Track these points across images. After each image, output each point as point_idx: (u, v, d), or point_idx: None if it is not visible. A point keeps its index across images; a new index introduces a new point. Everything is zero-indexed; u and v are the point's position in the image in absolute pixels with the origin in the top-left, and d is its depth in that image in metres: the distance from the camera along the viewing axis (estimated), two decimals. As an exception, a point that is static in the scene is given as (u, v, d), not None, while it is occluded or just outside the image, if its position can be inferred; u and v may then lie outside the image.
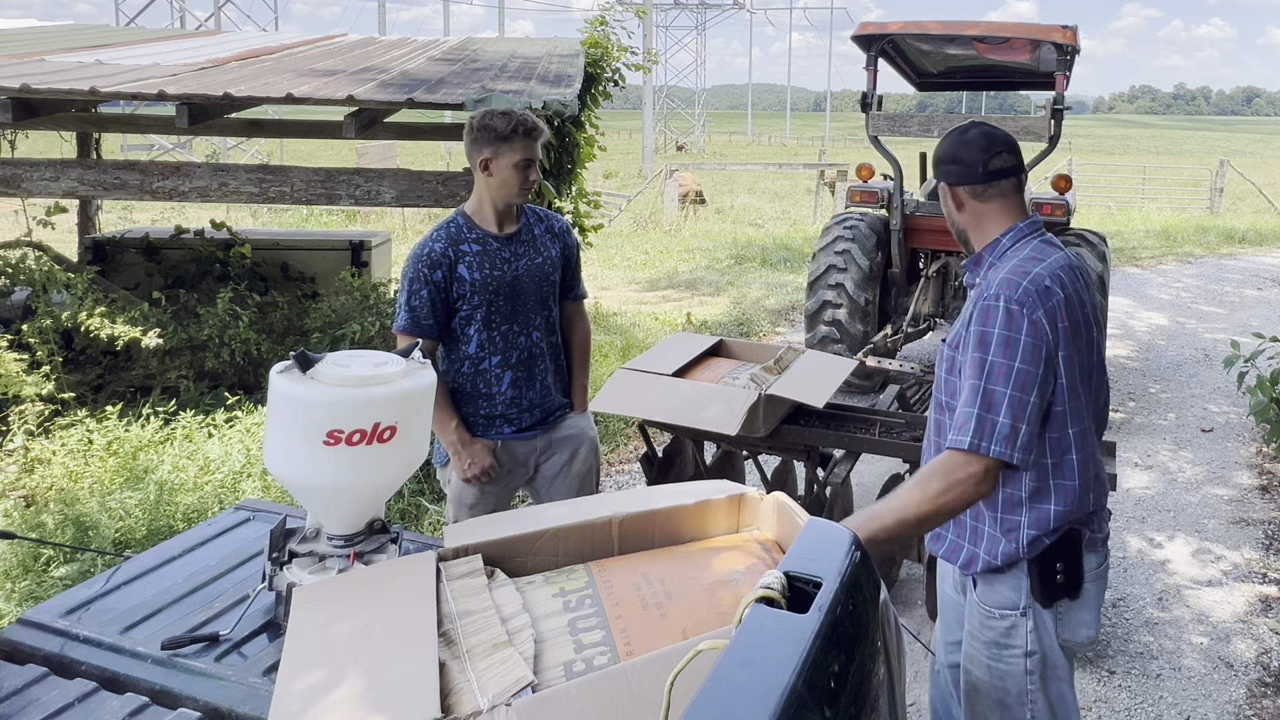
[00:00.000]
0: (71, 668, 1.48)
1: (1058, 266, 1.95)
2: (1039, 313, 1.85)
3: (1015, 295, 1.86)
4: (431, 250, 2.64)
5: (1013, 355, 1.83)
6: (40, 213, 6.38)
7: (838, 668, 0.99)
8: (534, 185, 2.66)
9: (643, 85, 31.04)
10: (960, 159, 2.03)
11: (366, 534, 1.65)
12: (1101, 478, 2.02)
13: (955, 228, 2.12)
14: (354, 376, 1.56)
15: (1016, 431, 1.81)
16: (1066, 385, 1.89)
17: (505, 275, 2.69)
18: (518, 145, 2.57)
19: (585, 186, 7.25)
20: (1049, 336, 1.85)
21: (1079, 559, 1.97)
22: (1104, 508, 2.03)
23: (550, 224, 2.86)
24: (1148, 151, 50.83)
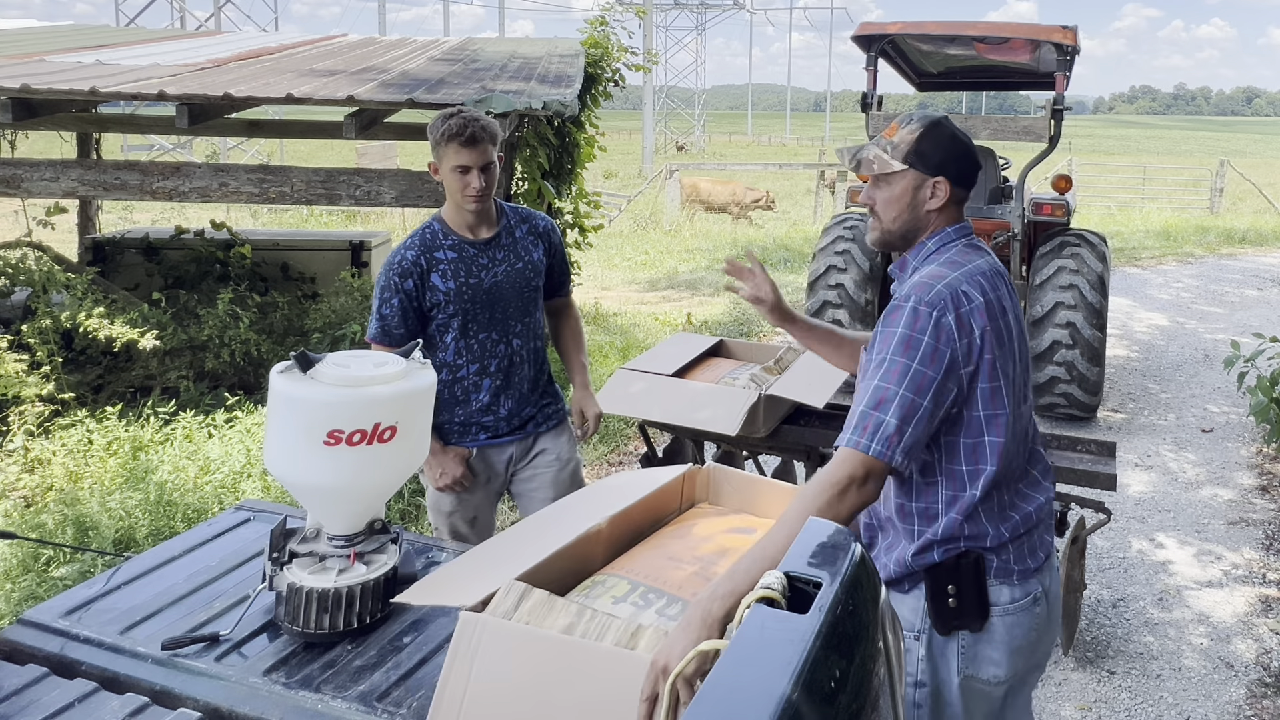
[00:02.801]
0: (72, 668, 1.48)
1: (978, 272, 1.83)
2: (948, 316, 1.73)
3: (926, 296, 1.75)
4: (403, 258, 2.54)
5: (911, 355, 1.71)
6: (40, 213, 6.38)
7: (838, 668, 0.99)
8: (480, 192, 2.48)
9: (643, 85, 31.05)
10: (970, 155, 1.91)
11: (367, 534, 1.65)
12: (1022, 505, 1.86)
13: (906, 221, 1.90)
14: (354, 377, 1.56)
15: (902, 433, 1.67)
16: (989, 390, 1.76)
17: (483, 283, 2.58)
18: (452, 150, 2.44)
19: (585, 186, 7.25)
20: (955, 341, 1.72)
21: (980, 585, 1.81)
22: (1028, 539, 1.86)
23: (533, 223, 2.73)
24: (1148, 152, 50.83)
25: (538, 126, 5.63)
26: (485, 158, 2.46)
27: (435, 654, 1.53)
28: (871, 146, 1.91)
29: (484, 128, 2.44)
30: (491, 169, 2.49)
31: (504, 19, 38.30)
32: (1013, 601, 1.84)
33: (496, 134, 2.49)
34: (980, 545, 1.82)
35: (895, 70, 6.84)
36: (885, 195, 1.90)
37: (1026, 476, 1.90)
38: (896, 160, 1.86)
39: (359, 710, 1.39)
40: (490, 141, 2.46)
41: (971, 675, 1.84)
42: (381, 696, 1.42)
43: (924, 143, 1.86)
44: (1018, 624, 1.85)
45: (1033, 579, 1.86)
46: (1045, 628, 1.91)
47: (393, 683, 1.45)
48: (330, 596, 1.53)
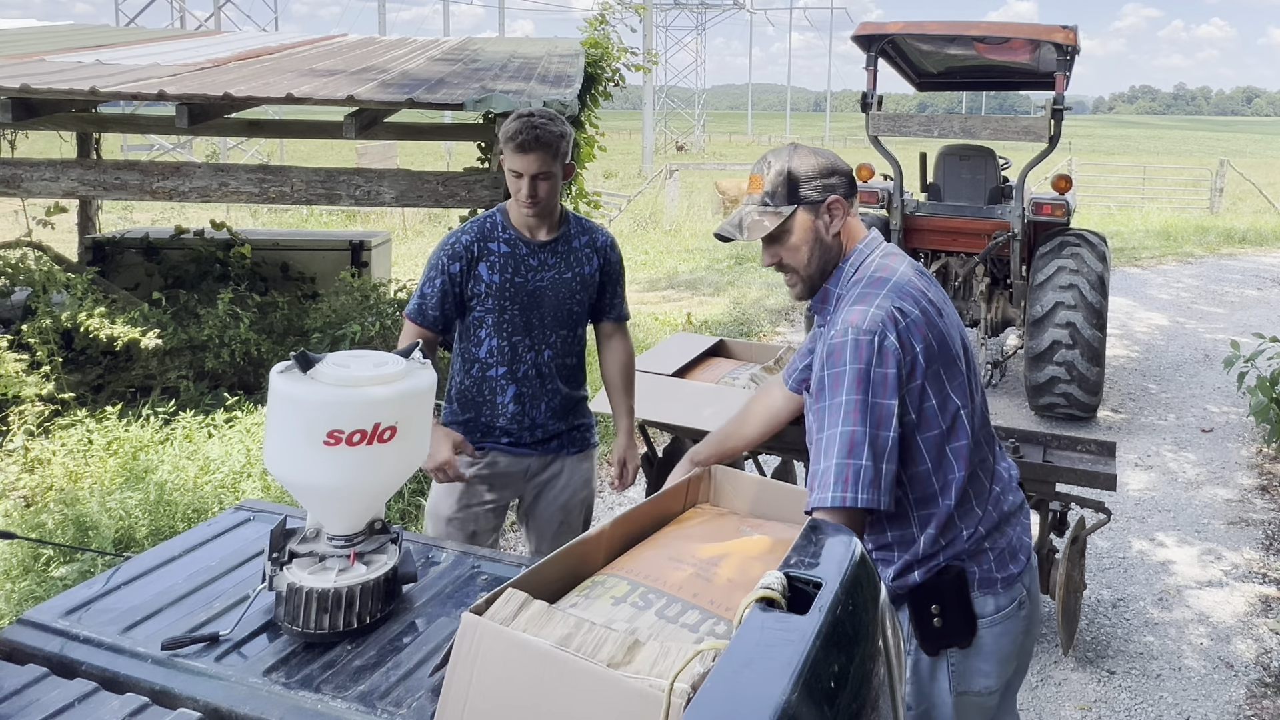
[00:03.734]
0: (71, 668, 1.48)
1: (904, 281, 1.77)
2: (890, 338, 1.67)
3: (864, 325, 1.68)
4: (457, 241, 2.49)
5: (865, 390, 1.65)
6: (40, 213, 6.38)
7: (838, 668, 0.99)
8: (539, 201, 2.41)
9: (643, 85, 31.05)
10: (839, 169, 1.82)
11: (367, 534, 1.65)
12: (998, 504, 1.83)
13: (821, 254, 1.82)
14: (354, 377, 1.56)
15: (879, 473, 1.62)
16: (939, 402, 1.72)
17: (526, 284, 2.50)
18: (508, 152, 2.37)
19: (585, 186, 7.25)
20: (901, 361, 1.67)
21: (964, 600, 1.76)
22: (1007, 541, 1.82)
23: (594, 237, 2.63)
24: (1148, 151, 50.82)
25: (538, 126, 5.62)
26: (541, 166, 2.36)
27: (435, 654, 1.53)
28: (747, 210, 1.81)
29: (539, 137, 2.32)
30: (549, 178, 2.38)
31: (504, 19, 38.31)
32: (998, 611, 1.81)
33: (557, 143, 2.36)
34: (959, 557, 1.78)
35: (895, 70, 6.85)
36: (788, 245, 1.81)
37: (995, 476, 1.86)
38: (781, 206, 1.79)
39: (359, 710, 1.38)
40: (548, 150, 2.34)
41: (965, 691, 1.81)
42: (382, 696, 1.42)
43: (797, 175, 1.79)
44: (1005, 632, 1.82)
45: (1016, 584, 1.83)
46: (1030, 628, 1.89)
47: (393, 683, 1.45)
48: (330, 596, 1.53)
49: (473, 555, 1.85)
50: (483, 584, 1.75)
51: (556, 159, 2.38)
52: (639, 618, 1.41)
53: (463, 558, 1.84)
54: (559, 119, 2.39)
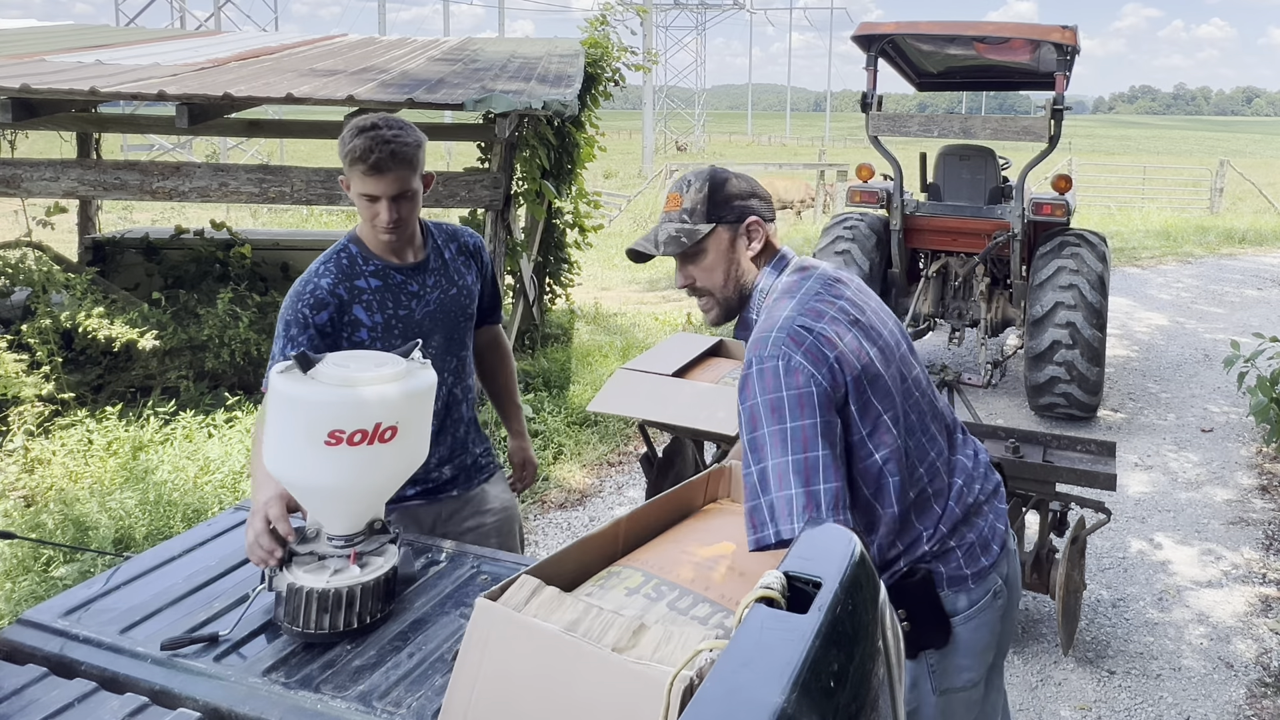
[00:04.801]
0: (71, 668, 1.48)
1: (811, 294, 1.71)
2: (796, 357, 1.60)
3: (765, 351, 1.62)
4: (316, 287, 2.08)
5: (779, 416, 1.58)
6: (40, 213, 6.38)
7: (837, 668, 0.99)
8: (392, 225, 2.04)
9: (643, 85, 31.06)
10: (759, 193, 1.78)
11: (367, 534, 1.65)
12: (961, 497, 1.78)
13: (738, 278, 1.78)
14: (355, 377, 1.56)
15: (812, 495, 1.54)
16: (861, 407, 1.65)
17: (413, 315, 2.16)
18: (357, 175, 2.01)
19: (585, 186, 7.26)
20: (815, 376, 1.59)
21: (933, 601, 1.73)
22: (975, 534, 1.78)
23: (462, 241, 2.31)
24: (1148, 152, 50.83)
25: (538, 126, 5.64)
26: (399, 186, 2.02)
27: (435, 654, 1.53)
28: (664, 226, 1.77)
29: (395, 153, 1.98)
30: (409, 197, 2.05)
31: (504, 19, 38.30)
32: (972, 605, 1.78)
33: (415, 156, 2.02)
34: (922, 559, 1.74)
35: (895, 70, 6.84)
36: (704, 265, 1.76)
37: (954, 468, 1.81)
38: (700, 223, 1.74)
39: (358, 710, 1.39)
40: (406, 167, 2.00)
41: (948, 689, 1.80)
42: (381, 696, 1.42)
43: (718, 194, 1.74)
44: (981, 624, 1.79)
45: (990, 575, 1.79)
46: (1008, 613, 1.87)
47: (392, 683, 1.45)
48: (330, 597, 1.53)
49: (472, 555, 1.85)
50: (482, 584, 1.75)
51: (416, 173, 2.05)
52: (651, 609, 1.42)
53: (463, 558, 1.84)
54: (408, 126, 2.06)
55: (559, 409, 5.76)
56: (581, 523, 4.61)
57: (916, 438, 1.74)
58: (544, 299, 7.50)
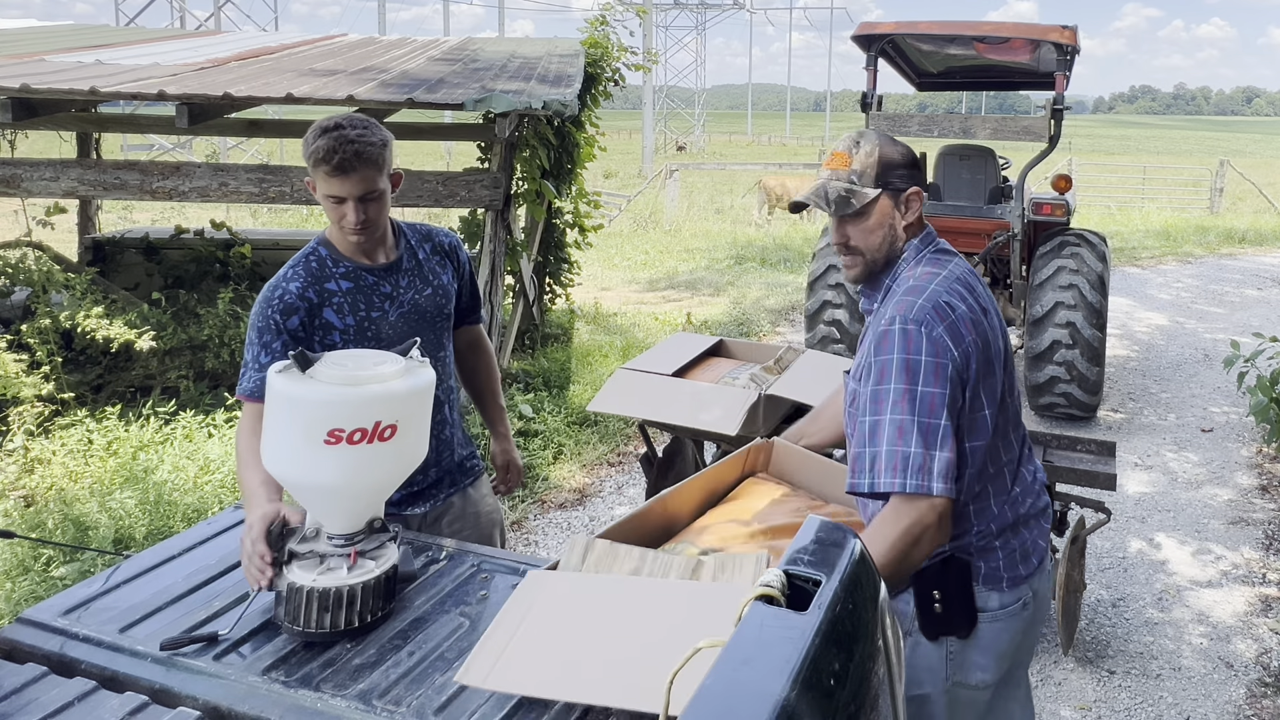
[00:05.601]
0: (71, 667, 1.48)
1: (953, 278, 1.80)
2: (939, 329, 1.69)
3: (911, 315, 1.70)
4: (285, 292, 2.05)
5: (912, 378, 1.66)
6: (40, 213, 6.38)
7: (837, 666, 0.99)
8: (360, 226, 2.01)
9: (643, 85, 31.06)
10: (915, 162, 1.86)
11: (366, 533, 1.65)
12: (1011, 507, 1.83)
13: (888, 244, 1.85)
14: (354, 375, 1.56)
15: (929, 459, 1.62)
16: (971, 396, 1.73)
17: (388, 315, 2.13)
18: (321, 176, 1.97)
19: (585, 186, 7.26)
20: (952, 352, 1.69)
21: (967, 591, 1.79)
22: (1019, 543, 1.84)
23: (437, 241, 2.28)
24: (1147, 151, 50.83)
25: (538, 126, 5.64)
26: (365, 187, 1.98)
27: (435, 652, 1.53)
28: (832, 184, 1.81)
29: (359, 153, 1.94)
30: (376, 198, 2.01)
31: (504, 19, 38.32)
32: (1001, 607, 1.82)
33: (381, 155, 1.99)
34: (965, 550, 1.80)
35: (895, 70, 6.84)
36: (864, 227, 1.81)
37: (1017, 477, 1.87)
38: (868, 187, 1.80)
39: (358, 709, 1.38)
40: (372, 167, 1.97)
41: (960, 682, 1.83)
42: (381, 695, 1.42)
43: (887, 160, 1.81)
44: (1005, 629, 1.83)
45: (1023, 585, 1.84)
46: (1031, 627, 1.91)
47: (392, 681, 1.45)
48: (330, 596, 1.53)
49: (473, 554, 1.85)
50: (482, 582, 1.75)
51: (382, 172, 2.01)
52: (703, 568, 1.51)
53: (463, 557, 1.84)
54: (373, 124, 2.02)
55: (559, 409, 5.76)
56: (581, 523, 4.61)
57: (1004, 439, 1.82)
58: (544, 299, 7.50)
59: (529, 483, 4.91)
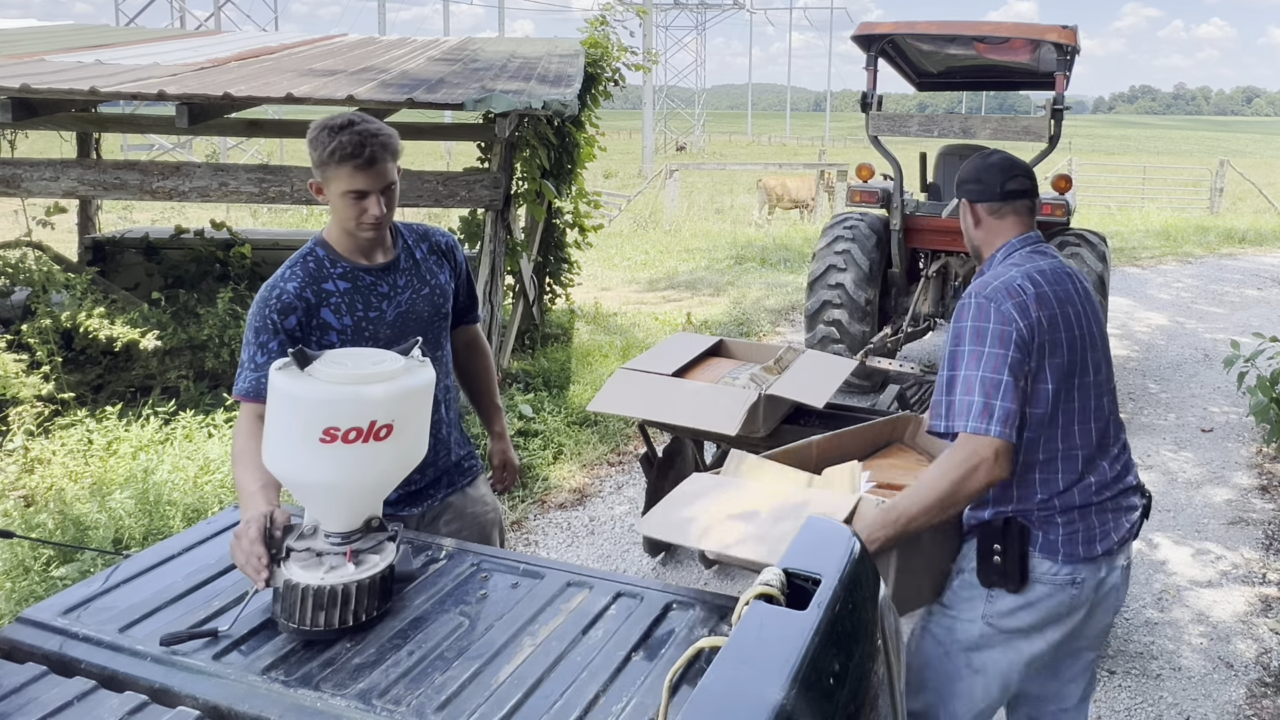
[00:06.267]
0: (70, 666, 1.48)
1: (1035, 270, 2.07)
2: (1007, 304, 1.98)
3: (984, 291, 2.02)
4: (283, 292, 2.07)
5: (980, 341, 1.96)
6: (40, 213, 6.38)
7: (837, 665, 0.99)
8: (379, 219, 2.05)
9: (643, 85, 31.06)
10: (982, 179, 2.22)
11: (364, 532, 1.65)
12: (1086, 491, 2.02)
13: (970, 242, 2.29)
14: (351, 374, 1.56)
15: (990, 407, 1.90)
16: (1035, 369, 1.98)
17: (385, 315, 2.14)
18: (345, 173, 1.98)
19: (585, 186, 7.26)
20: (1018, 323, 1.96)
21: (1023, 552, 2.01)
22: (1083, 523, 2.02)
23: (434, 241, 2.30)
24: (1147, 151, 50.84)
25: (538, 126, 5.64)
26: (386, 179, 2.02)
27: (435, 651, 1.53)
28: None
29: (384, 144, 1.99)
30: (392, 190, 2.06)
31: (504, 19, 38.33)
32: (1052, 575, 2.02)
33: (397, 148, 2.04)
34: (1028, 516, 2.02)
35: (895, 70, 6.84)
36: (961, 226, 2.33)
37: (1094, 468, 2.05)
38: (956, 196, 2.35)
39: (358, 708, 1.38)
40: (392, 158, 2.02)
41: (995, 624, 2.05)
42: (381, 694, 1.42)
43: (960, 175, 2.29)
44: (1051, 595, 2.02)
45: (1081, 565, 2.01)
46: (1084, 610, 2.07)
47: (392, 680, 1.45)
48: (325, 594, 1.53)
49: (472, 554, 1.85)
50: (482, 582, 1.75)
51: (395, 165, 2.06)
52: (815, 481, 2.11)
53: (463, 556, 1.84)
54: (377, 119, 2.06)
55: (559, 409, 5.76)
56: (581, 523, 4.61)
57: (1068, 419, 2.03)
58: (544, 299, 7.50)
59: (529, 483, 4.91)
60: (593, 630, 1.56)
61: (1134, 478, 2.15)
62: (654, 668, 1.43)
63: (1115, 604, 2.14)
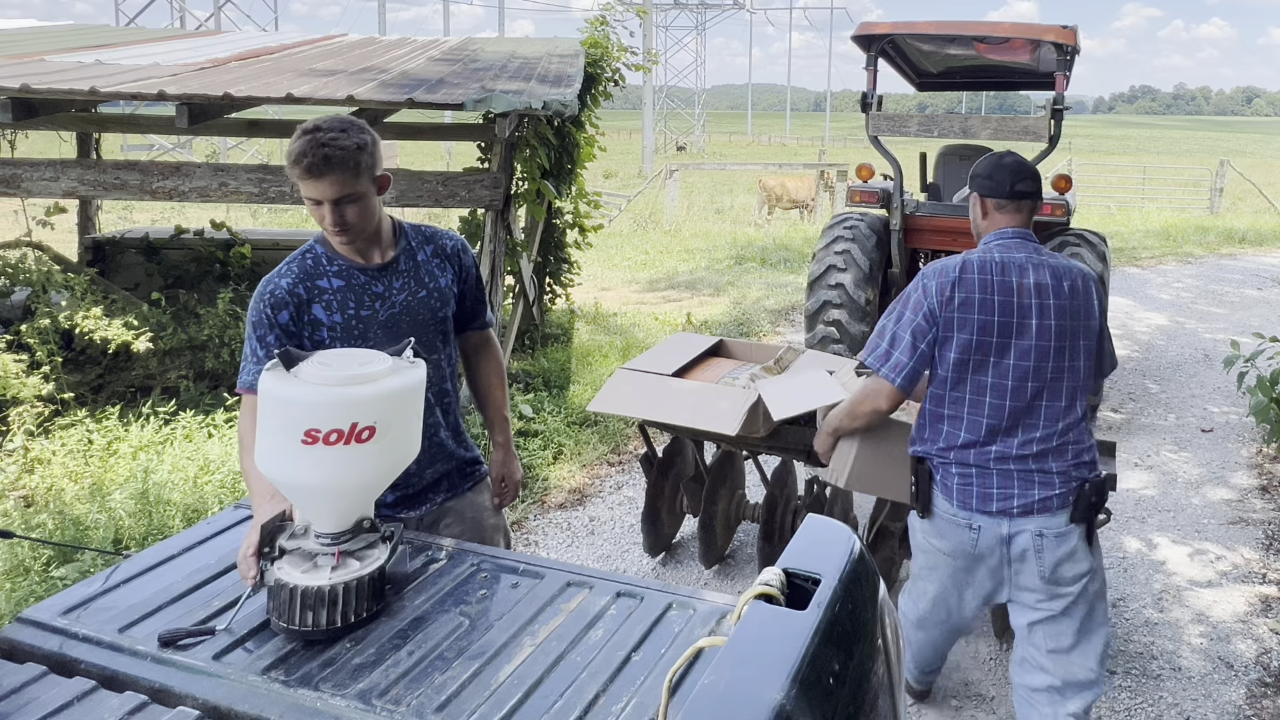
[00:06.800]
0: (70, 666, 1.48)
1: (986, 257, 2.43)
2: (932, 280, 2.42)
3: (928, 266, 2.46)
4: (276, 287, 2.08)
5: (904, 304, 2.47)
6: (40, 213, 6.38)
7: (836, 665, 0.99)
8: (350, 228, 2.03)
9: (643, 85, 31.06)
10: (994, 177, 2.52)
11: (355, 533, 1.64)
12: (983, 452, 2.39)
13: (975, 229, 2.60)
14: (333, 376, 1.56)
15: (889, 355, 2.45)
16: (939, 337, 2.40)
17: (377, 315, 2.13)
18: (302, 181, 1.97)
19: (585, 186, 7.26)
20: (932, 297, 2.40)
21: (927, 488, 2.49)
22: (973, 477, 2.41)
23: (439, 244, 2.26)
24: (1148, 151, 50.84)
25: (538, 126, 5.64)
26: (341, 189, 1.97)
27: (434, 651, 1.53)
28: None
29: (328, 157, 1.93)
30: (357, 200, 2.00)
31: (504, 19, 38.34)
32: (949, 515, 2.46)
33: (356, 158, 1.97)
34: (929, 457, 2.49)
35: (895, 70, 6.84)
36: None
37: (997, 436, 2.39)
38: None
39: (358, 708, 1.38)
40: (345, 169, 1.95)
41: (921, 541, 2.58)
42: (381, 694, 1.42)
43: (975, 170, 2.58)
44: (953, 531, 2.46)
45: (978, 516, 2.40)
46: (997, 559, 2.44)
47: (392, 680, 1.45)
48: (314, 594, 1.53)
49: (472, 553, 1.85)
50: (482, 581, 1.75)
51: (360, 176, 1.99)
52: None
53: (463, 556, 1.84)
54: (354, 126, 2.00)
55: (559, 409, 5.76)
56: (581, 523, 4.61)
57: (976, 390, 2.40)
58: (544, 299, 7.49)
59: (529, 483, 4.91)
60: (593, 630, 1.56)
61: (1057, 463, 2.38)
62: (654, 668, 1.43)
63: (1042, 567, 2.41)
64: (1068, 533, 2.38)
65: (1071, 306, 2.37)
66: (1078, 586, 2.44)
